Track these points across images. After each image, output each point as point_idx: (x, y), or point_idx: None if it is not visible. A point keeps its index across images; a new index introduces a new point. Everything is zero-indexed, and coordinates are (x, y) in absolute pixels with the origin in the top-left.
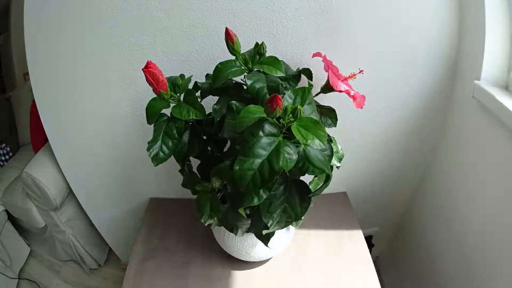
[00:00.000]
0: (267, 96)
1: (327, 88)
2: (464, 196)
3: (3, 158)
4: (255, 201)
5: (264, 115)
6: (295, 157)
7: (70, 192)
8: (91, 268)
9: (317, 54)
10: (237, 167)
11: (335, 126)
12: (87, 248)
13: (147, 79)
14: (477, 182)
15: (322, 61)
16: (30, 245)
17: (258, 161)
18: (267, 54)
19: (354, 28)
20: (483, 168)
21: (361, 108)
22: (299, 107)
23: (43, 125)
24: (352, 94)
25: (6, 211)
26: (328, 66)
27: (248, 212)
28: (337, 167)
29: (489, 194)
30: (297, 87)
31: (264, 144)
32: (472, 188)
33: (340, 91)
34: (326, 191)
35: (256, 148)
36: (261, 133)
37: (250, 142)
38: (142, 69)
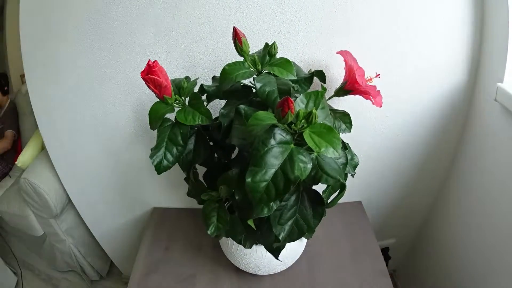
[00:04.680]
0: (278, 100)
1: (343, 90)
2: (486, 206)
3: None
4: (265, 212)
5: (275, 122)
6: (309, 165)
7: (71, 199)
8: (92, 280)
9: (342, 53)
10: (249, 179)
11: (350, 131)
12: (88, 258)
13: (148, 86)
14: (500, 190)
15: (344, 60)
16: (16, 274)
17: (271, 171)
18: (277, 55)
19: (369, 29)
20: (507, 175)
21: (381, 106)
22: (313, 111)
23: (40, 130)
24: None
25: None
26: (353, 67)
27: (258, 223)
28: (352, 175)
29: None
30: (309, 90)
31: (277, 153)
32: (496, 197)
33: (364, 93)
34: (340, 200)
35: (268, 157)
36: (272, 141)
37: (261, 151)
38: (142, 76)
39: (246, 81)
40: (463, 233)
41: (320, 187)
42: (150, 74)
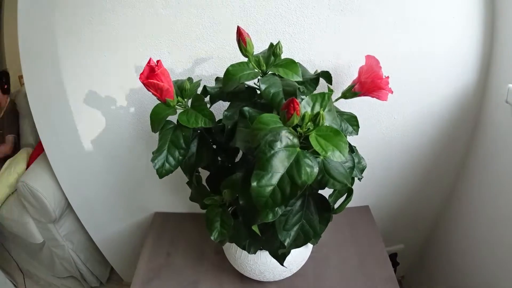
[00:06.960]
0: (283, 101)
1: (351, 92)
2: (497, 210)
3: None
4: (270, 217)
5: (280, 125)
6: (316, 169)
7: (70, 203)
8: (92, 286)
9: (369, 57)
10: (254, 183)
11: (357, 134)
12: (88, 264)
13: (148, 89)
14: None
15: (367, 63)
16: (16, 286)
17: (277, 175)
18: (282, 55)
19: (377, 28)
20: None
21: (392, 92)
22: (321, 112)
23: (39, 133)
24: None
25: None
26: (374, 69)
27: (262, 228)
28: (359, 179)
29: None
30: (315, 92)
31: (283, 156)
32: (507, 200)
33: (377, 89)
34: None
35: (274, 160)
36: (279, 144)
37: (267, 154)
38: (142, 80)
39: (251, 83)
40: (473, 238)
41: (326, 191)
42: (151, 77)
